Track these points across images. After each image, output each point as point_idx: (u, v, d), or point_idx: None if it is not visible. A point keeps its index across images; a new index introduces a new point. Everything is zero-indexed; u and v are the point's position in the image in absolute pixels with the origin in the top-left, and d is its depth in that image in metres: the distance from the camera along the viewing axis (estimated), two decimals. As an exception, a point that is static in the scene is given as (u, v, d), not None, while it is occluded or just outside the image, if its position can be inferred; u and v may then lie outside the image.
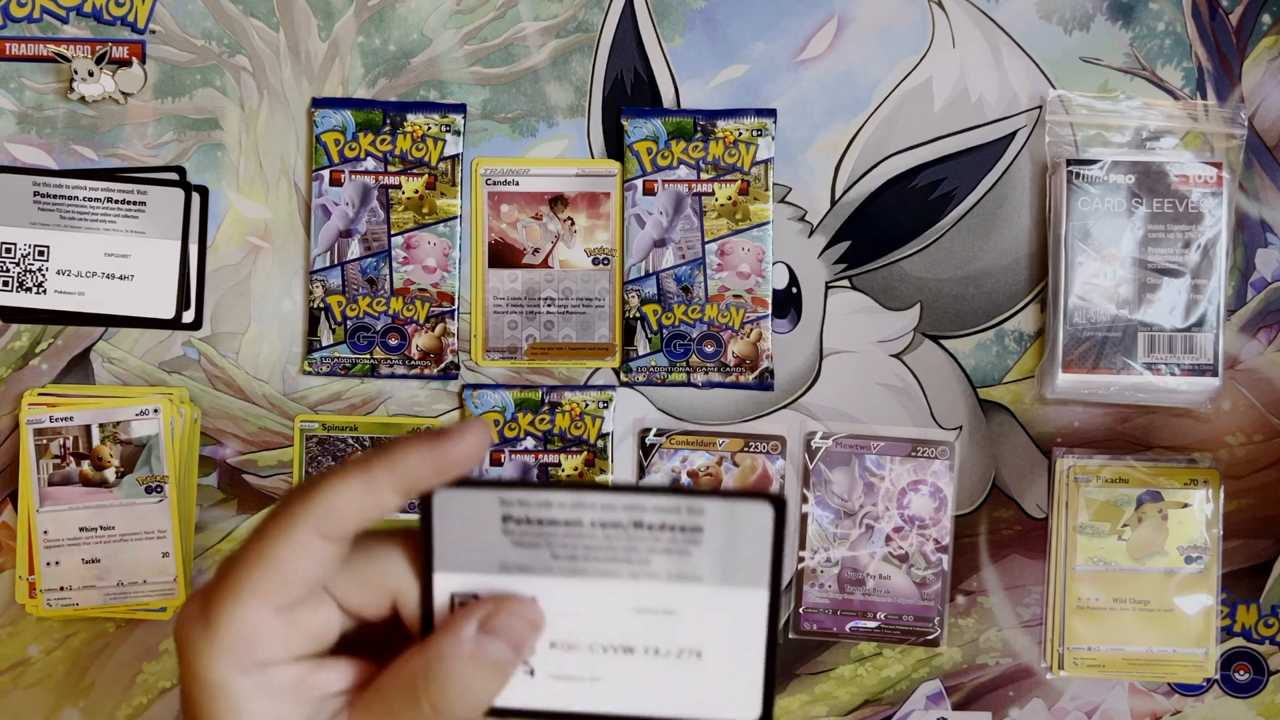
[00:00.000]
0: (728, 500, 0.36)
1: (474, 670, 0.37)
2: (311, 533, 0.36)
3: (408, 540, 0.38)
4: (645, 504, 0.36)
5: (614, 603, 0.37)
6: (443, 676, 0.36)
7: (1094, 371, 0.65)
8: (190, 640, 0.36)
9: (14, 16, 0.68)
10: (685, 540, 0.36)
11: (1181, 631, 0.67)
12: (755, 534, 0.36)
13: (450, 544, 0.37)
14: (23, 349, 0.68)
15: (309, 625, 0.37)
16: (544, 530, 0.37)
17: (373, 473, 0.36)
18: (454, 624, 0.37)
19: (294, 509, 0.36)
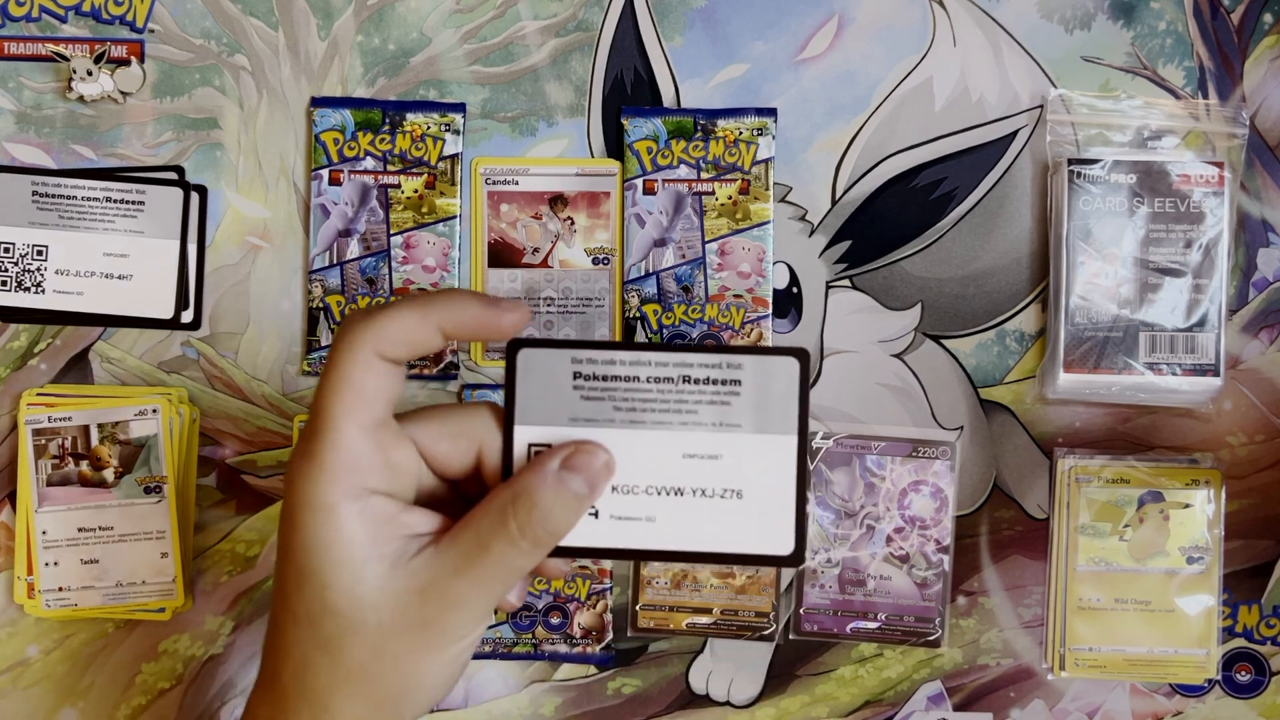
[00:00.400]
0: (760, 356, 0.42)
1: (555, 497, 0.42)
2: (371, 352, 0.42)
3: (490, 406, 0.45)
4: (692, 361, 0.43)
5: (667, 450, 0.43)
6: (529, 501, 0.42)
7: (1095, 371, 0.65)
8: (302, 472, 0.42)
9: (12, 16, 0.68)
10: (726, 392, 0.43)
11: (1183, 632, 0.66)
12: (784, 385, 0.42)
13: (529, 398, 0.43)
14: (21, 349, 0.68)
15: (398, 460, 0.43)
16: (608, 385, 0.43)
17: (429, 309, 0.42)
18: (540, 461, 0.43)
19: (355, 332, 0.42)
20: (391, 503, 0.43)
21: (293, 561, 0.42)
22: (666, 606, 0.68)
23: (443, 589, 0.42)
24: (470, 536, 0.43)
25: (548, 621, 0.68)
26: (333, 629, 0.42)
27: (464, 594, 0.42)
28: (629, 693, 0.68)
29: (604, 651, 0.68)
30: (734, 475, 0.43)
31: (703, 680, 0.68)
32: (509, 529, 0.42)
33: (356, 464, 0.42)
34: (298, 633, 0.43)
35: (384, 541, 0.42)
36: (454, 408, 0.45)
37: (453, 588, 0.42)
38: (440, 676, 0.44)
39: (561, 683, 0.68)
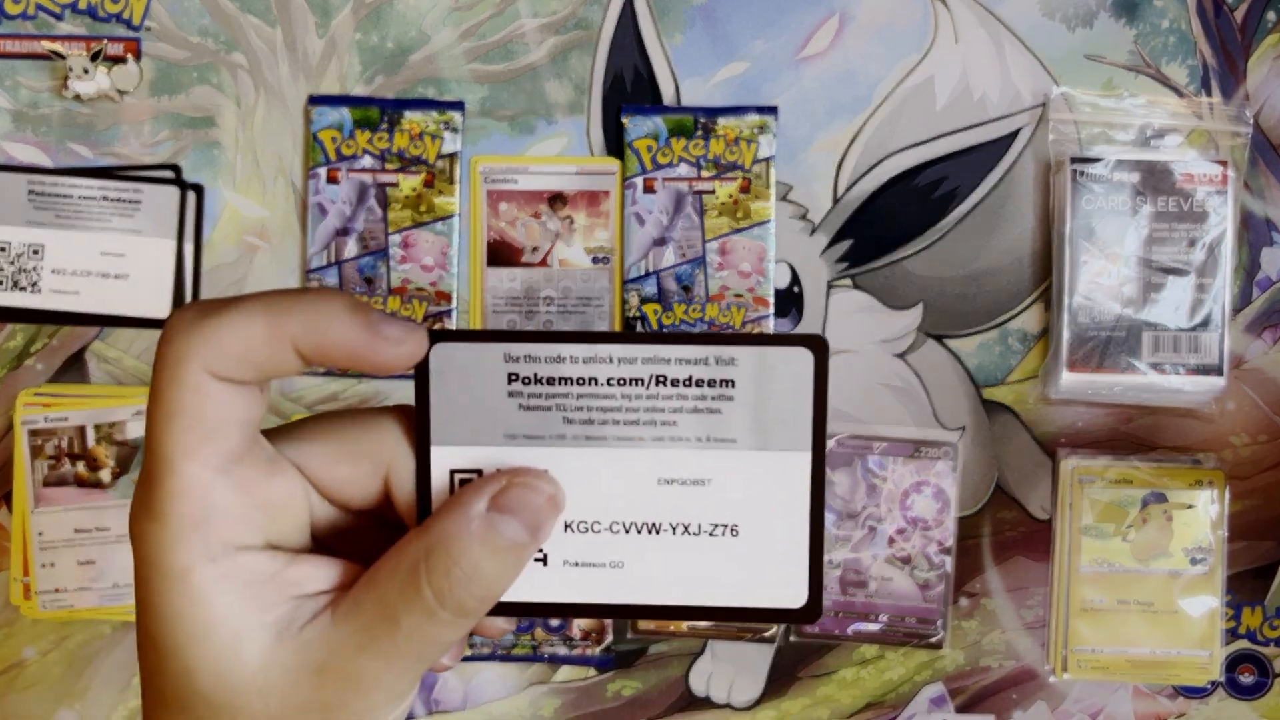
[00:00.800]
0: (761, 347, 0.32)
1: (484, 553, 0.31)
2: (201, 371, 0.30)
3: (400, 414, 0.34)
4: (669, 355, 0.32)
5: (637, 474, 0.33)
6: (448, 560, 0.31)
7: (1098, 371, 0.65)
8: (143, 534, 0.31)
9: (9, 14, 0.67)
10: (715, 397, 0.32)
11: (1186, 633, 0.66)
12: (794, 386, 0.32)
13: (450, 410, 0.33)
14: (17, 349, 0.67)
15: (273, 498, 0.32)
16: (555, 391, 0.33)
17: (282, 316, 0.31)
18: (462, 500, 0.32)
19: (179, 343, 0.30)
20: (270, 557, 0.32)
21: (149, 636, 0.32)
22: (667, 608, 0.67)
23: (344, 669, 0.32)
24: (375, 605, 0.32)
25: (547, 623, 0.67)
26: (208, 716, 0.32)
27: (372, 674, 0.32)
28: (629, 695, 0.68)
29: (604, 653, 0.67)
30: (726, 506, 0.33)
31: (703, 682, 0.68)
32: (423, 596, 0.31)
33: (209, 515, 0.31)
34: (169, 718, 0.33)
35: (264, 608, 0.32)
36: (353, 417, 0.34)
37: (357, 667, 0.32)
38: None
39: (561, 685, 0.68)
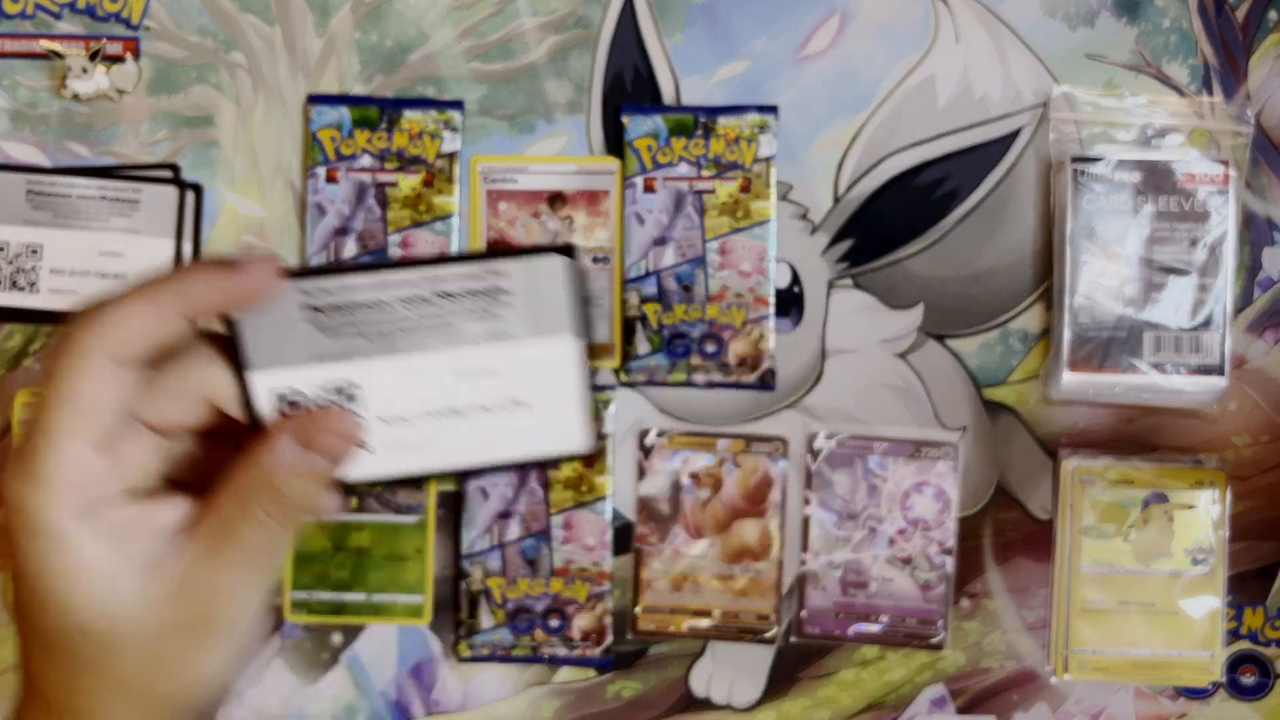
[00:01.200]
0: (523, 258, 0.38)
1: (299, 482, 0.38)
2: (104, 360, 0.36)
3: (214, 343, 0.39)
4: (446, 274, 0.38)
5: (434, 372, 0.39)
6: (271, 490, 0.38)
7: (1099, 371, 0.65)
8: (18, 495, 0.36)
9: (7, 13, 0.67)
10: (492, 302, 0.38)
11: (1187, 634, 0.66)
12: (553, 285, 0.38)
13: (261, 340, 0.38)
14: (15, 349, 0.67)
15: (131, 456, 0.38)
16: (351, 315, 0.38)
17: (158, 297, 0.37)
18: (274, 441, 0.38)
19: (81, 338, 0.36)
20: (132, 505, 0.38)
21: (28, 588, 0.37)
22: (666, 609, 0.67)
23: (200, 583, 0.38)
24: (218, 524, 0.38)
25: (546, 624, 0.67)
26: (93, 650, 0.38)
27: (223, 583, 0.38)
28: (629, 696, 0.68)
29: (603, 655, 0.67)
30: (514, 386, 0.39)
31: (703, 683, 0.68)
32: (255, 513, 0.38)
33: (83, 480, 0.36)
34: (55, 657, 0.38)
35: (130, 550, 0.38)
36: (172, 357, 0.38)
37: (210, 579, 0.38)
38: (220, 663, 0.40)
39: (560, 686, 0.68)
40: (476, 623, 0.67)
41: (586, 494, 0.67)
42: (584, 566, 0.67)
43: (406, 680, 0.68)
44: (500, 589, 0.67)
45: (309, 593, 0.67)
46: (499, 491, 0.67)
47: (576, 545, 0.67)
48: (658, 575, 0.67)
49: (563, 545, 0.67)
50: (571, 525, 0.67)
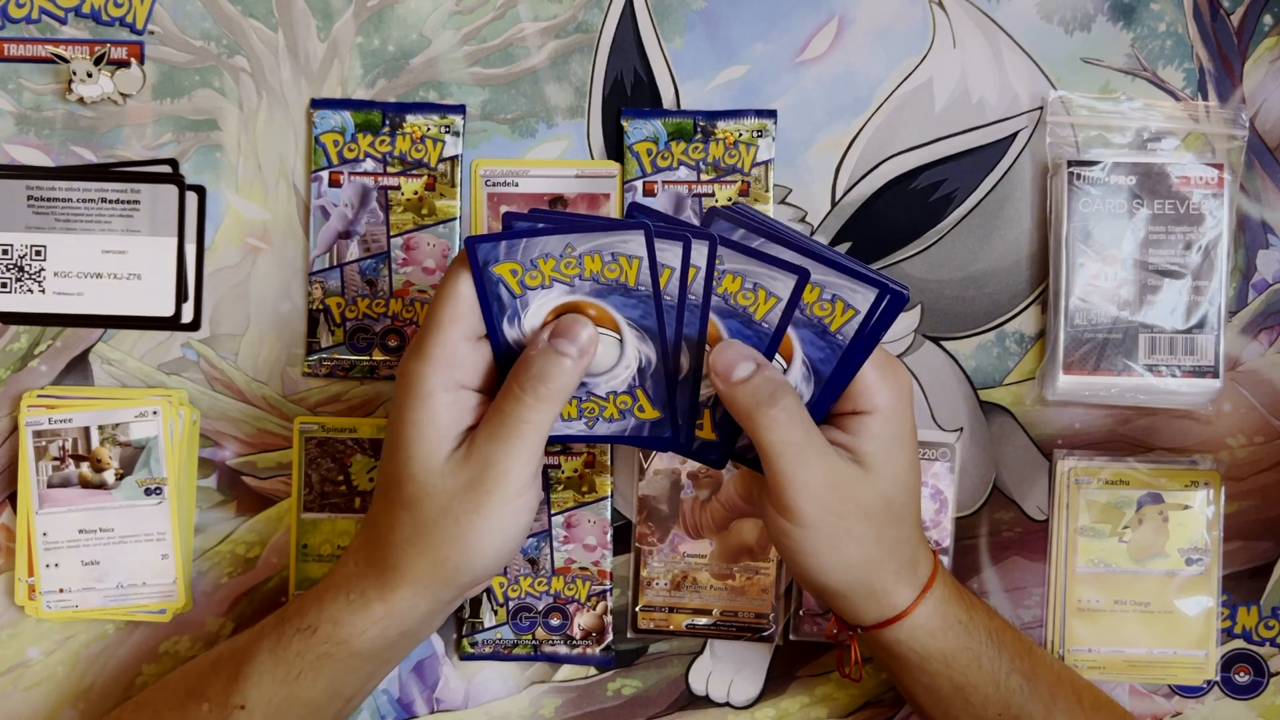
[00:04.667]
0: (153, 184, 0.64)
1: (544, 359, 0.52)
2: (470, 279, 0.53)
3: None
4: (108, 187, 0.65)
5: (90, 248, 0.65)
6: (525, 366, 0.52)
7: (1095, 373, 0.65)
8: (414, 366, 0.52)
9: (12, 17, 0.68)
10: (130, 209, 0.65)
11: (1182, 633, 0.67)
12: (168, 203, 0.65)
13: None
14: (21, 350, 0.68)
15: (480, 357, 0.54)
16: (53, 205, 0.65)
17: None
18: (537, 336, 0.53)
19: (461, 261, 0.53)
20: (475, 395, 0.54)
21: (394, 435, 0.53)
22: (666, 608, 0.68)
23: (479, 452, 0.52)
24: (493, 410, 0.53)
25: (548, 623, 0.68)
26: (412, 490, 0.53)
27: (492, 454, 0.52)
28: (629, 694, 0.69)
29: (604, 653, 0.68)
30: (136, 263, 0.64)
31: (702, 681, 0.69)
32: (511, 389, 0.52)
33: (455, 362, 0.52)
34: (388, 494, 0.54)
35: (461, 424, 0.53)
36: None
37: (484, 450, 0.52)
38: (491, 542, 0.53)
39: (562, 684, 0.69)
40: (479, 621, 0.68)
41: (587, 494, 0.67)
42: (585, 566, 0.68)
43: (409, 678, 0.68)
44: (502, 588, 0.68)
45: (312, 592, 0.68)
46: None
47: (577, 544, 0.68)
48: (657, 574, 0.68)
49: (564, 545, 0.68)
50: (572, 525, 0.68)
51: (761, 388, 0.51)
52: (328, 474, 0.68)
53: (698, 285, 0.52)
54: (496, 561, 0.54)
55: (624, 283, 0.52)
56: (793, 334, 0.53)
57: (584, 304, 0.53)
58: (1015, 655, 0.58)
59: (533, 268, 0.52)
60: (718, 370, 0.52)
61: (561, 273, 0.52)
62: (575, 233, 0.51)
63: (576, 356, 0.52)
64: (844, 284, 0.51)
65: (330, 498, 0.68)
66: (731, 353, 0.52)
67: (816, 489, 0.52)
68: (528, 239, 0.51)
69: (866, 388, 0.53)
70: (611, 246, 0.51)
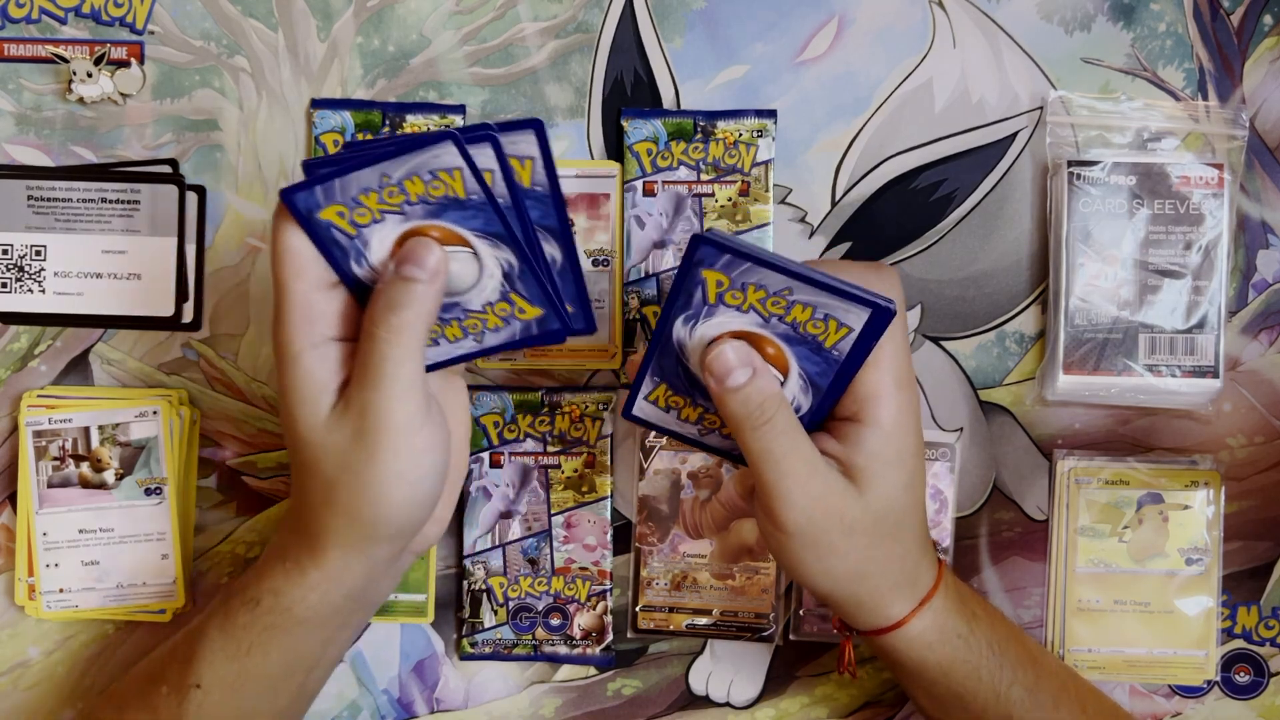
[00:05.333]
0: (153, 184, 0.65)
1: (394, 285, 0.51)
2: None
3: None
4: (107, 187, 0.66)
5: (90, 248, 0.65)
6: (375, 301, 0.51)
7: (1095, 373, 0.65)
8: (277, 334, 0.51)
9: (12, 17, 0.68)
10: (130, 209, 0.65)
11: (1182, 633, 0.67)
12: (168, 204, 0.65)
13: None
14: (21, 350, 0.68)
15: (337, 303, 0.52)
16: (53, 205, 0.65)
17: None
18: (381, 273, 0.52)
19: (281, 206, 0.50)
20: (345, 345, 0.52)
21: (280, 403, 0.52)
22: (666, 608, 0.68)
23: (355, 401, 0.51)
24: (357, 349, 0.51)
25: (548, 623, 0.68)
26: (308, 453, 0.52)
27: (366, 400, 0.50)
28: (629, 694, 0.69)
29: (604, 653, 0.68)
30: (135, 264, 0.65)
31: (702, 681, 0.69)
32: (368, 330, 0.50)
33: (313, 317, 0.51)
34: (293, 460, 0.53)
35: (337, 378, 0.51)
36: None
37: (358, 398, 0.50)
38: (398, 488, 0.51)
39: (562, 684, 0.69)
40: (478, 621, 0.68)
41: (587, 494, 0.67)
42: (585, 566, 0.68)
43: (409, 678, 0.69)
44: (502, 588, 0.68)
45: (312, 592, 0.68)
46: (501, 491, 0.67)
47: (577, 544, 0.68)
48: (657, 574, 0.68)
49: (564, 545, 0.68)
50: (572, 525, 0.68)
51: (753, 397, 0.51)
52: (328, 474, 0.68)
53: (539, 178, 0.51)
54: (414, 507, 0.53)
55: (454, 197, 0.50)
56: (786, 350, 0.52)
57: (425, 228, 0.51)
58: (1018, 667, 0.58)
59: (358, 205, 0.50)
60: (713, 372, 0.51)
61: (388, 203, 0.50)
62: (384, 161, 0.49)
63: (427, 280, 0.50)
64: (836, 304, 0.50)
65: (330, 498, 0.68)
66: (730, 356, 0.51)
67: (801, 501, 0.52)
68: (340, 178, 0.49)
69: (873, 397, 0.52)
70: (426, 165, 0.49)
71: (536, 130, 0.50)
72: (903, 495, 0.53)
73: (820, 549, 0.53)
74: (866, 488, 0.52)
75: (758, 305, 0.50)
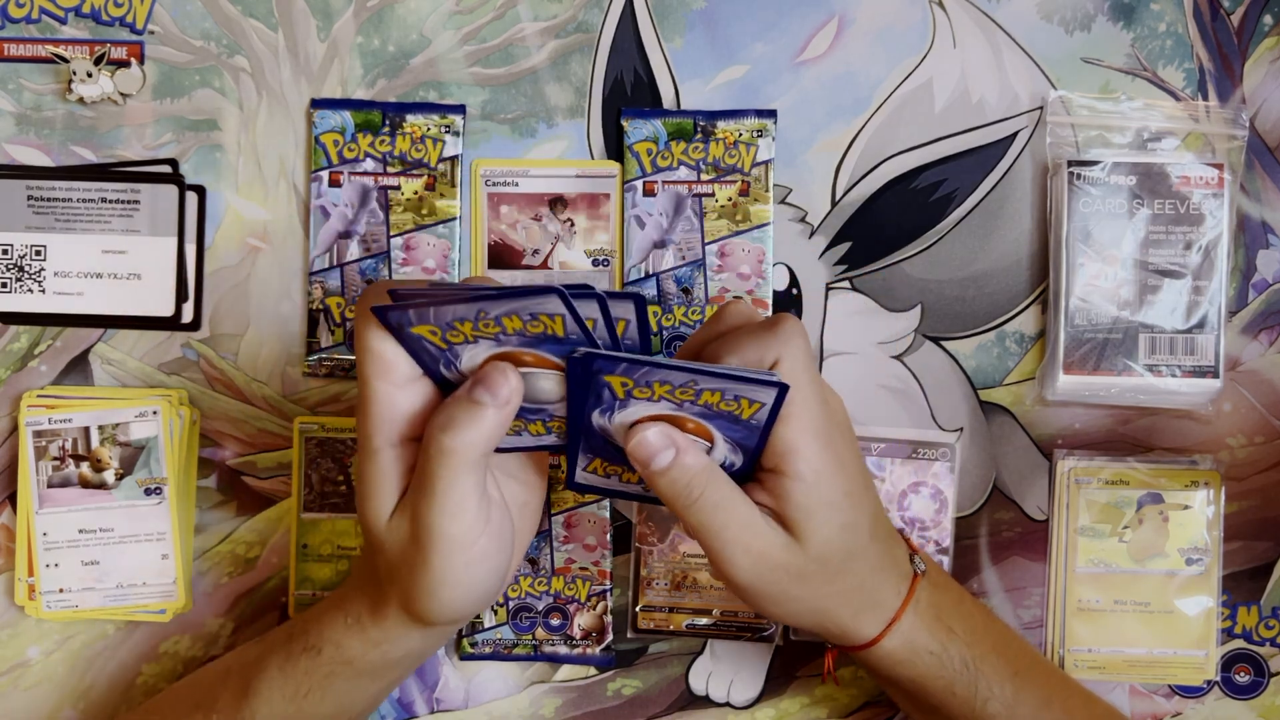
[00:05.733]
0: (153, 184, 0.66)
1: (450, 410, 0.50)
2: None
3: None
4: (107, 187, 0.66)
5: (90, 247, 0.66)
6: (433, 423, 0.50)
7: (1095, 373, 0.65)
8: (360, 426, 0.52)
9: (12, 17, 0.68)
10: (130, 209, 0.66)
11: (1182, 633, 0.67)
12: (168, 203, 0.66)
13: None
14: (21, 350, 0.68)
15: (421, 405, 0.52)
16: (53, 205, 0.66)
17: None
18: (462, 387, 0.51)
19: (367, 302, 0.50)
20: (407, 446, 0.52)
21: (356, 488, 0.53)
22: (666, 608, 0.68)
23: (412, 509, 0.51)
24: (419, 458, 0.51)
25: (548, 623, 0.68)
26: (372, 539, 0.53)
27: (420, 511, 0.50)
28: (629, 694, 0.69)
29: (604, 653, 0.68)
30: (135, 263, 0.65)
31: (702, 681, 0.69)
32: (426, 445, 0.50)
33: (394, 416, 0.51)
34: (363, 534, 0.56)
35: (405, 480, 0.52)
36: None
37: (415, 506, 0.51)
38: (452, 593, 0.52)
39: (562, 684, 0.69)
40: (479, 621, 0.68)
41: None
42: (585, 566, 0.68)
43: (409, 678, 0.68)
44: (502, 588, 0.68)
45: (314, 592, 0.68)
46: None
47: (577, 545, 0.68)
48: (657, 574, 0.68)
49: (564, 545, 0.68)
50: (572, 525, 0.68)
51: (680, 477, 0.51)
52: (328, 474, 0.68)
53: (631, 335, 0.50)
54: (470, 605, 0.54)
55: (553, 334, 0.49)
56: (708, 425, 0.51)
57: (519, 354, 0.50)
58: (995, 683, 0.57)
59: (451, 328, 0.49)
60: (637, 458, 0.50)
61: (483, 331, 0.49)
62: (483, 301, 0.48)
63: (496, 408, 0.49)
64: (741, 388, 0.50)
65: (330, 498, 0.68)
66: (652, 441, 0.50)
67: (744, 562, 0.52)
68: (435, 307, 0.48)
69: (789, 451, 0.51)
70: (527, 309, 0.48)
71: (635, 302, 0.49)
72: (842, 535, 0.53)
73: (774, 597, 0.53)
74: (803, 537, 0.52)
75: (667, 396, 0.50)
